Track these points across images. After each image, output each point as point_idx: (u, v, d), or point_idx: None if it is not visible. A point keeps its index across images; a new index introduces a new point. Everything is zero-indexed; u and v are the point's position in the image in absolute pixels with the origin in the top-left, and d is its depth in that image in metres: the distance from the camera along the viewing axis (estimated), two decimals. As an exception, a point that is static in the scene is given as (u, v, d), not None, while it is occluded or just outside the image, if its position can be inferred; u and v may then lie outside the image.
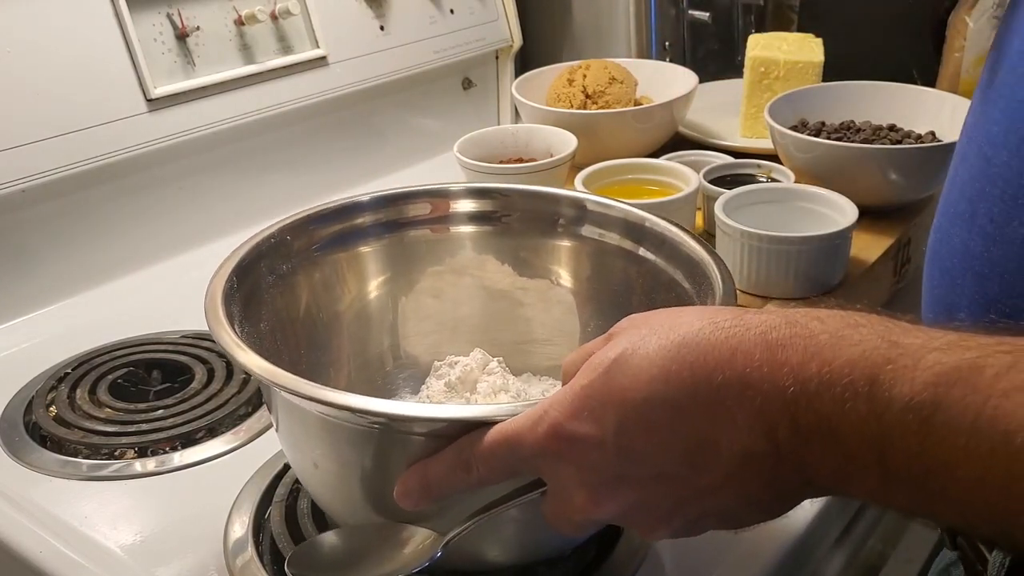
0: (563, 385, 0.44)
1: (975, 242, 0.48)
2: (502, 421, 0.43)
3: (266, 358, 0.49)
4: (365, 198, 0.67)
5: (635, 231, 0.64)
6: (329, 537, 0.50)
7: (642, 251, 0.63)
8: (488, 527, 0.47)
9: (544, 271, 0.68)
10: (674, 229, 0.61)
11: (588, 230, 0.66)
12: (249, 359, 0.48)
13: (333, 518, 0.58)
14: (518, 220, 0.68)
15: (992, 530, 0.35)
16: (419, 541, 0.48)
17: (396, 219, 0.68)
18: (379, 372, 0.69)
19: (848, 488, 0.38)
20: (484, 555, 0.53)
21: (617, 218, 0.65)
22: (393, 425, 0.47)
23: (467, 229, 0.69)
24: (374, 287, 0.68)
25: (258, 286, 0.59)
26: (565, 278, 0.68)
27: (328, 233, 0.65)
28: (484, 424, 0.44)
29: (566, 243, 0.68)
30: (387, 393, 0.68)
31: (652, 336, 0.40)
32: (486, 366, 0.64)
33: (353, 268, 0.67)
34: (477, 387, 0.63)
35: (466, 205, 0.69)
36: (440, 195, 0.69)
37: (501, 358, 0.66)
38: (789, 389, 0.36)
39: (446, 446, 0.45)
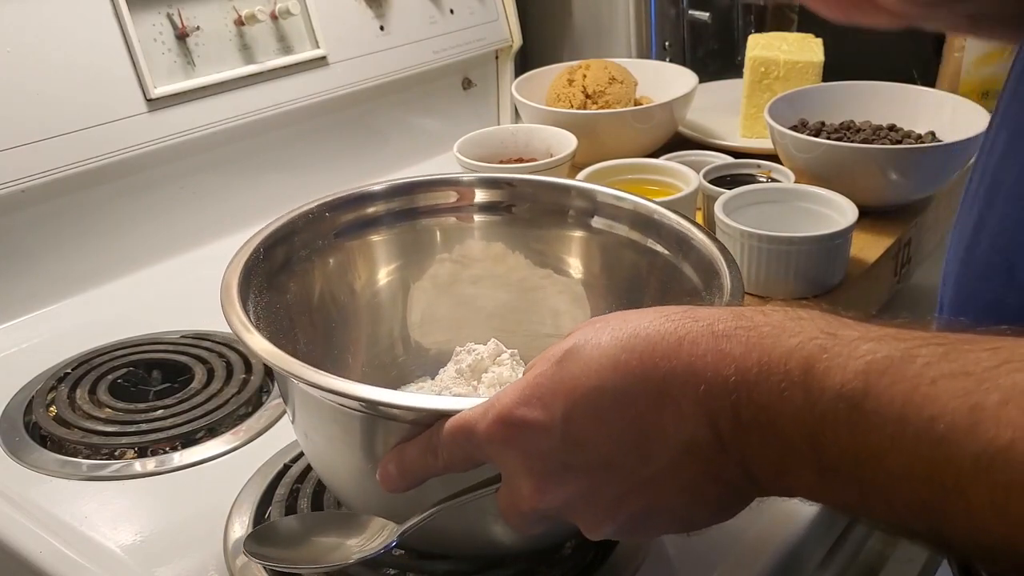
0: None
1: (1013, 298, 0.46)
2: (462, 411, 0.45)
3: (280, 343, 0.50)
4: (378, 187, 0.68)
5: (644, 223, 0.64)
6: (289, 521, 0.53)
7: (651, 243, 0.64)
8: (447, 518, 0.48)
9: (556, 261, 0.69)
10: (685, 223, 0.61)
11: (598, 221, 0.67)
12: (254, 341, 0.50)
13: (327, 487, 0.61)
14: (528, 211, 0.69)
15: (923, 526, 0.34)
16: (376, 529, 0.49)
17: (408, 208, 0.69)
18: (394, 358, 0.70)
19: (788, 482, 0.38)
20: (447, 543, 0.55)
21: (627, 210, 0.65)
22: (366, 408, 0.48)
23: (479, 218, 0.70)
24: (386, 274, 0.70)
25: (274, 272, 0.61)
26: (577, 269, 0.69)
27: (341, 222, 0.66)
28: (446, 415, 0.45)
29: (577, 234, 0.68)
30: (404, 377, 0.69)
31: (605, 329, 0.40)
32: (498, 356, 0.65)
33: (365, 256, 0.68)
34: (483, 377, 0.64)
35: (478, 195, 0.70)
36: (452, 184, 0.70)
37: (516, 350, 0.66)
38: (731, 379, 0.37)
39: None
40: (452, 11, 1.18)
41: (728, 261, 0.56)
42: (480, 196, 0.70)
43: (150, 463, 0.69)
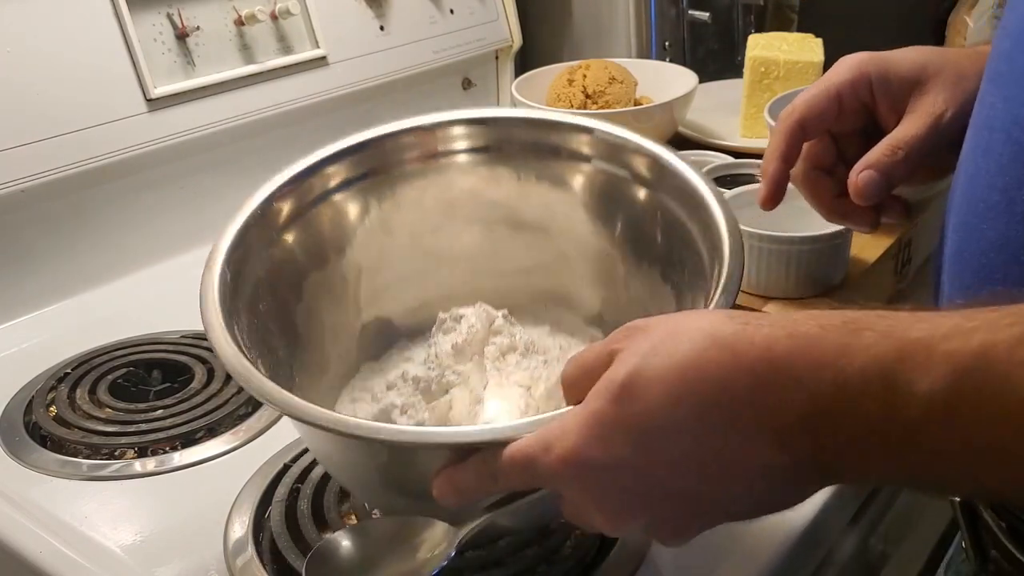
0: (564, 398, 0.45)
1: (1016, 231, 0.47)
2: (516, 440, 0.44)
3: (264, 350, 0.50)
4: (331, 150, 0.67)
5: (645, 166, 0.64)
6: (343, 538, 0.49)
7: (652, 191, 0.63)
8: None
9: (543, 194, 0.68)
10: (688, 172, 0.61)
11: (597, 163, 0.66)
12: (263, 386, 0.49)
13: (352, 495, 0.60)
14: (518, 150, 0.68)
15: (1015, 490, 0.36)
16: (435, 540, 0.47)
17: (376, 164, 0.68)
18: (379, 332, 0.69)
19: (868, 478, 0.38)
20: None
21: (630, 149, 0.65)
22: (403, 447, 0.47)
23: (460, 159, 0.69)
24: (361, 236, 0.68)
25: (242, 292, 0.59)
26: (566, 201, 0.68)
27: (298, 204, 0.64)
28: (498, 445, 0.44)
29: (569, 169, 0.68)
30: (392, 354, 0.69)
31: (655, 357, 0.40)
32: (492, 323, 0.64)
33: (335, 223, 0.67)
34: (485, 351, 0.63)
35: (457, 140, 0.68)
36: (424, 131, 0.68)
37: (506, 310, 0.65)
38: (802, 404, 0.37)
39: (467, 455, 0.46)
40: (452, 11, 1.18)
41: (723, 209, 0.56)
42: (460, 142, 0.69)
43: (150, 463, 0.69)
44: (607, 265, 0.68)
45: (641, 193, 0.64)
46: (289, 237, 0.63)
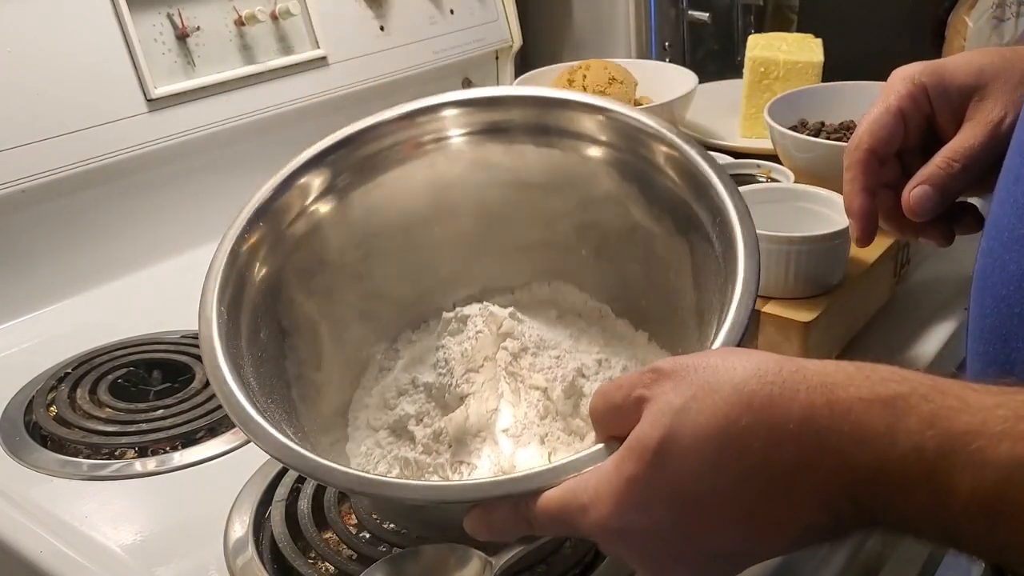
0: (594, 430, 0.45)
1: None
2: (551, 488, 0.44)
3: (275, 380, 0.51)
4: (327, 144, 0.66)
5: (656, 152, 0.62)
6: (377, 571, 0.48)
7: (666, 178, 0.62)
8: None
9: (539, 161, 0.67)
10: (704, 165, 0.59)
11: (607, 143, 0.65)
12: (273, 445, 0.49)
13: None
14: (518, 129, 0.67)
15: None
16: (472, 573, 0.47)
17: (356, 161, 0.67)
18: (382, 330, 0.69)
19: (912, 537, 0.38)
20: None
21: (647, 134, 0.62)
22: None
23: (454, 142, 0.67)
24: (356, 232, 0.67)
25: (242, 306, 0.58)
26: (567, 169, 0.66)
27: (280, 219, 0.64)
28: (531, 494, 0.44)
29: (567, 144, 0.66)
30: (399, 351, 0.68)
31: (689, 420, 0.39)
32: (500, 326, 0.64)
33: (323, 228, 0.66)
34: (496, 357, 0.62)
35: (451, 124, 0.67)
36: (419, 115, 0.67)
37: (512, 309, 0.65)
38: (843, 476, 0.37)
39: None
40: (452, 11, 1.18)
41: (737, 205, 0.55)
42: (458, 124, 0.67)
43: (150, 463, 0.69)
44: (610, 236, 0.67)
45: (653, 169, 0.63)
46: (280, 252, 0.63)
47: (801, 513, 0.38)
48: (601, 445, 0.44)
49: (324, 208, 0.65)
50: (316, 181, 0.65)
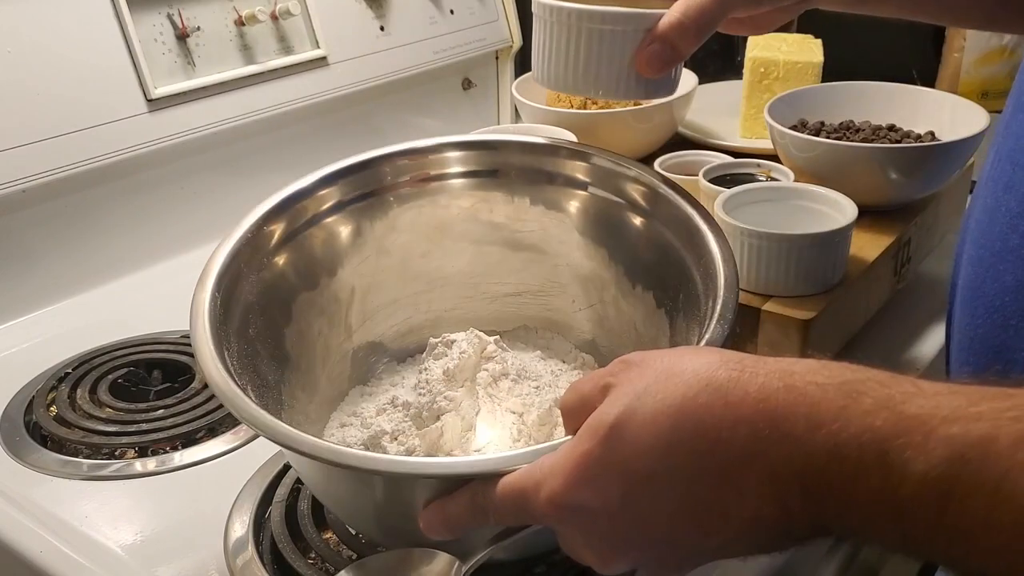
0: (563, 425, 0.45)
1: None
2: (509, 472, 0.44)
3: (254, 375, 0.50)
4: (326, 172, 0.68)
5: (639, 194, 0.65)
6: None
7: (647, 218, 0.64)
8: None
9: (537, 217, 0.69)
10: (682, 201, 0.61)
11: (593, 190, 0.67)
12: (251, 412, 0.49)
13: (348, 524, 0.60)
14: (516, 175, 0.69)
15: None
16: (437, 573, 0.47)
17: (370, 187, 0.68)
18: (369, 355, 0.70)
19: (862, 540, 0.38)
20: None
21: (626, 177, 0.66)
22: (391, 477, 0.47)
23: (454, 183, 0.69)
24: (354, 259, 0.68)
25: (231, 319, 0.58)
26: (560, 224, 0.69)
27: (290, 227, 0.65)
28: (492, 476, 0.44)
29: (565, 194, 0.68)
30: (382, 378, 0.69)
31: (648, 398, 0.39)
32: (484, 350, 0.64)
33: (328, 245, 0.67)
34: (477, 377, 0.63)
35: (453, 164, 0.69)
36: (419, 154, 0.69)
37: (497, 336, 0.66)
38: (796, 462, 0.36)
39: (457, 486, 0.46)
40: (452, 11, 1.18)
41: (720, 244, 0.57)
42: (455, 165, 0.69)
43: (150, 463, 0.69)
44: (599, 289, 0.69)
45: (636, 220, 0.65)
46: (280, 260, 0.64)
47: (750, 502, 0.38)
48: (568, 436, 0.44)
49: (334, 220, 0.67)
50: (332, 194, 0.68)
